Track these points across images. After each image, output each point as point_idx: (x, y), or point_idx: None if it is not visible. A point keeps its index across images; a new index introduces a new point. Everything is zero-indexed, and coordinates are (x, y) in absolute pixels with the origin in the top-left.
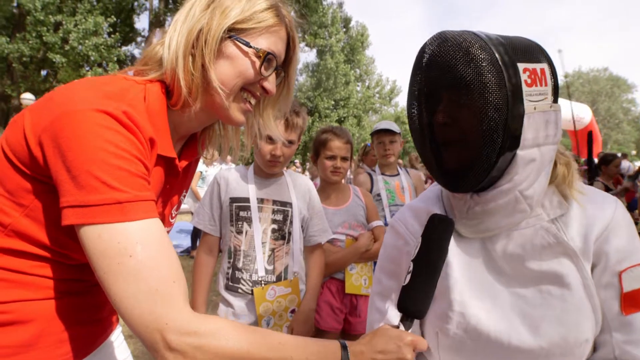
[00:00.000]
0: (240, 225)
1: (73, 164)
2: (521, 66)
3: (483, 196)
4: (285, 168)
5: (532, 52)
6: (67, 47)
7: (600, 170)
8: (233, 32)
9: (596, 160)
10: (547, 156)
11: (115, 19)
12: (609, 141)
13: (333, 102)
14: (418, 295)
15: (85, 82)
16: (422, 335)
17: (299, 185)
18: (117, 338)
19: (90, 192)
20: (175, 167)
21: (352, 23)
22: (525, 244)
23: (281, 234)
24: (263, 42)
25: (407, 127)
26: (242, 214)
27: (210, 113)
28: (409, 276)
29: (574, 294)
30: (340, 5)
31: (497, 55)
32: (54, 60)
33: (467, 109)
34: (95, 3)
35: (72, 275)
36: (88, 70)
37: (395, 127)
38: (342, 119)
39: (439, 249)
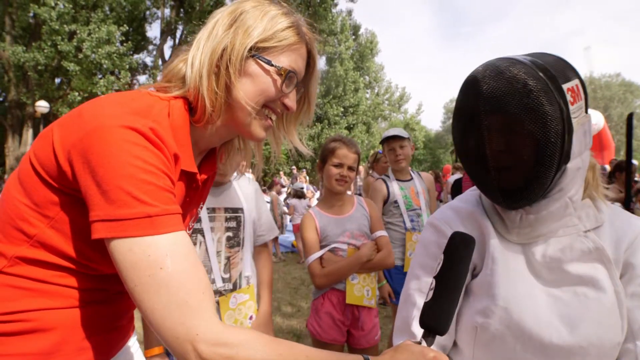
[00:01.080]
0: (194, 238)
1: (103, 179)
2: (565, 87)
3: (535, 206)
4: (235, 174)
5: (566, 70)
6: (80, 56)
7: (615, 177)
8: (255, 51)
9: (607, 167)
10: (587, 161)
11: (127, 28)
12: (622, 147)
13: (342, 109)
14: (440, 311)
15: (112, 98)
16: (457, 333)
17: (245, 188)
18: (134, 344)
19: (121, 206)
20: (196, 181)
21: (362, 30)
22: (564, 248)
23: (236, 240)
24: (284, 60)
25: (416, 133)
26: (195, 226)
27: (231, 129)
28: (431, 292)
29: (608, 298)
30: (350, 12)
31: (549, 83)
32: (68, 68)
33: (528, 138)
34: (108, 12)
35: (95, 284)
36: (101, 78)
37: (403, 132)
38: (352, 125)
39: (461, 267)
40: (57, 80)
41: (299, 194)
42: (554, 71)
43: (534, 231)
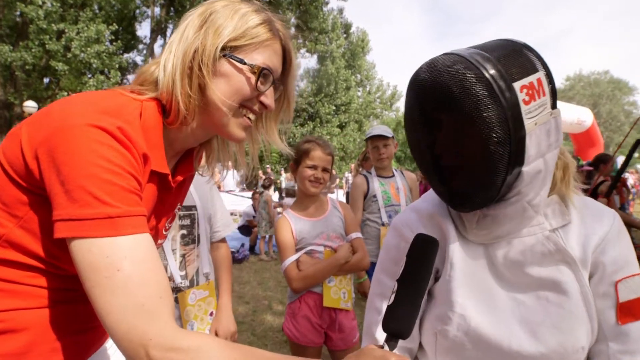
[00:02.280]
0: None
1: (67, 178)
2: (517, 85)
3: (493, 208)
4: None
5: (526, 63)
6: (69, 55)
7: (599, 169)
8: (227, 50)
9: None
10: (551, 163)
11: (117, 27)
12: (611, 144)
13: (334, 108)
14: (402, 315)
15: (82, 97)
16: (420, 336)
17: (199, 185)
18: (112, 346)
19: (82, 206)
20: (168, 182)
21: (353, 29)
22: (525, 250)
23: (191, 238)
24: (258, 58)
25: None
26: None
27: (207, 130)
28: (393, 296)
29: (571, 301)
30: (341, 11)
31: (493, 84)
32: (56, 68)
33: (470, 139)
34: (97, 11)
35: (65, 285)
36: (90, 78)
37: (388, 131)
38: (344, 124)
39: (423, 270)
40: (46, 80)
41: (292, 193)
42: (506, 67)
43: (490, 233)
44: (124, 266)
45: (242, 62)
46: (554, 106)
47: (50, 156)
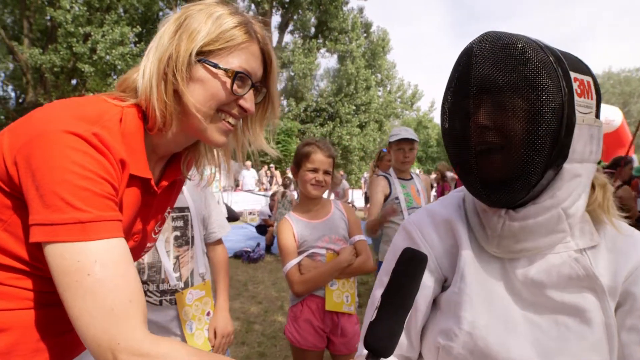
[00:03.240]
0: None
1: (40, 184)
2: (572, 75)
3: (521, 212)
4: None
5: (580, 63)
6: (95, 57)
7: (617, 172)
8: (202, 55)
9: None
10: (589, 174)
11: (140, 29)
12: None
13: (354, 107)
14: (384, 332)
15: (63, 104)
16: (422, 347)
17: (192, 186)
18: None
19: (55, 211)
20: (151, 186)
21: (373, 28)
22: (550, 270)
23: (185, 239)
24: (233, 61)
25: (429, 131)
26: None
27: (188, 135)
28: (376, 311)
29: (593, 332)
30: (361, 10)
31: (551, 58)
32: (83, 69)
33: (520, 112)
34: (122, 14)
35: (49, 287)
36: (115, 79)
37: (414, 135)
38: (364, 124)
39: (410, 287)
40: (73, 82)
41: None
42: (563, 56)
43: (517, 243)
44: (94, 270)
45: (216, 66)
46: (598, 117)
47: (26, 162)
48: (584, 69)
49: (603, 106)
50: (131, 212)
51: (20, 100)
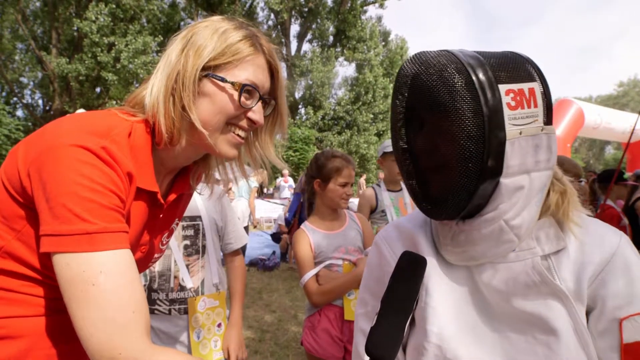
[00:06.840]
0: None
1: (50, 196)
2: (503, 88)
3: (468, 224)
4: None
5: (519, 71)
6: (118, 66)
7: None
8: (209, 70)
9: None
10: (538, 183)
11: (162, 39)
12: None
13: (372, 116)
14: (383, 338)
15: (74, 118)
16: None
17: (206, 196)
18: None
19: (63, 222)
20: (158, 199)
21: (391, 37)
22: (509, 279)
23: (195, 248)
24: (240, 74)
25: None
26: None
27: (198, 149)
28: (376, 317)
29: (560, 342)
30: (379, 19)
31: (473, 77)
32: (106, 78)
33: (444, 135)
34: (145, 24)
35: (60, 294)
36: (137, 87)
37: None
38: (381, 132)
39: (407, 290)
40: (97, 90)
41: None
42: (496, 68)
43: (465, 252)
44: (99, 281)
45: (223, 80)
46: (547, 123)
47: (38, 174)
48: (523, 77)
49: (629, 115)
50: (138, 224)
51: (47, 108)
